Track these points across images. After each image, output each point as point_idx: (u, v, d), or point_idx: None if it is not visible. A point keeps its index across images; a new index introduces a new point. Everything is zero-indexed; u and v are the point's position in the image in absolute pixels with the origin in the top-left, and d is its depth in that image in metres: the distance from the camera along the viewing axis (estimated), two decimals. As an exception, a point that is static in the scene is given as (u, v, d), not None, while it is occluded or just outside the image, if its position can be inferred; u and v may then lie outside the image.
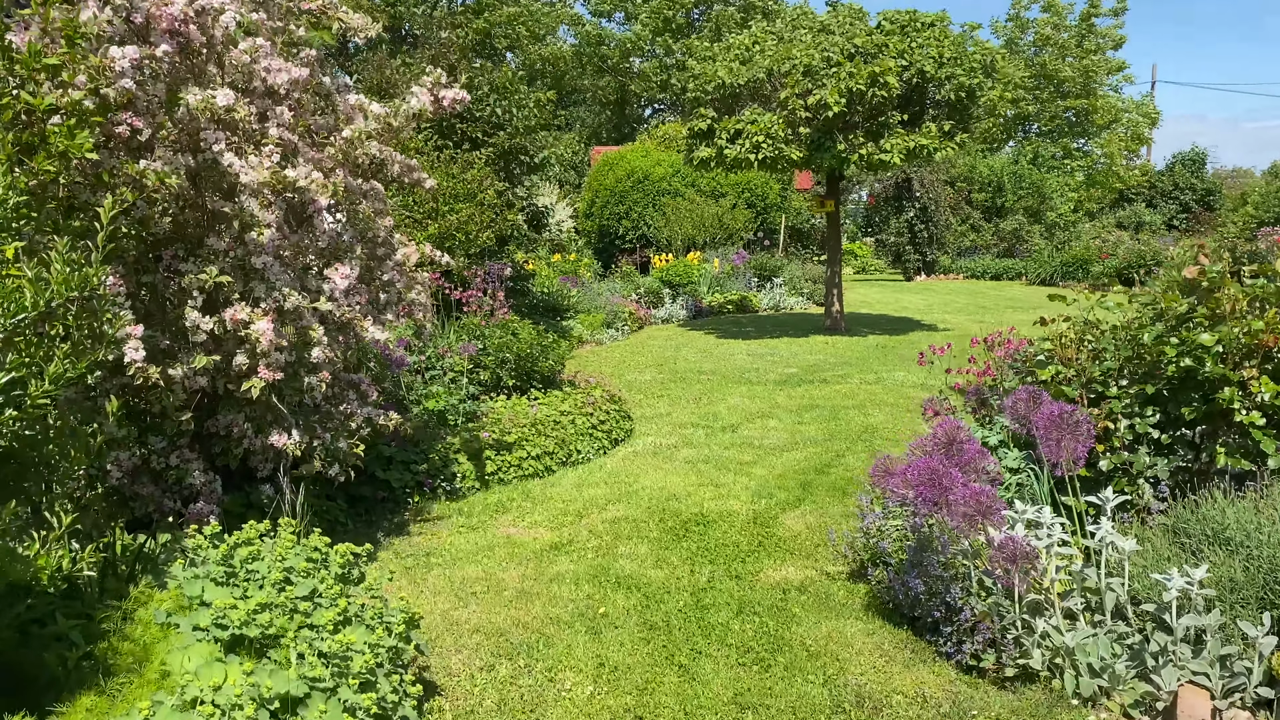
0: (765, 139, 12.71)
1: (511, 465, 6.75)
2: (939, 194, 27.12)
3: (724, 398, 9.73)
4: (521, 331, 8.58)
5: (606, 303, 16.20)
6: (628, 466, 7.07)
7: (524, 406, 7.70)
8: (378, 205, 5.35)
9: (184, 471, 5.01)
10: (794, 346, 13.52)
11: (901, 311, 18.72)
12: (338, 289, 4.71)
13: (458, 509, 6.13)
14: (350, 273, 4.76)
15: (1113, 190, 34.65)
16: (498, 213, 10.71)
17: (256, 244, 4.37)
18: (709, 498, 6.25)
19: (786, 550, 5.28)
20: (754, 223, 22.44)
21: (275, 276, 4.41)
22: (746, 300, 19.03)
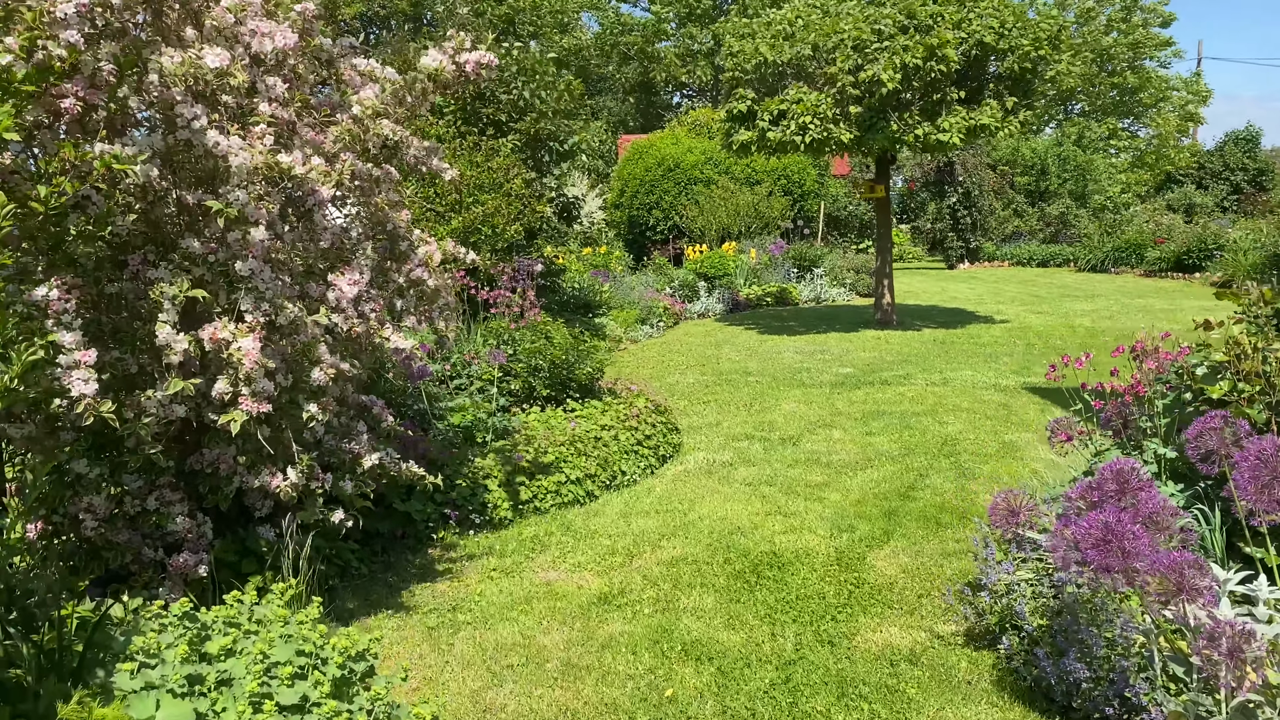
0: (813, 120, 11.78)
1: (549, 491, 5.91)
2: (982, 178, 26.03)
3: (777, 403, 8.84)
4: (555, 335, 7.73)
5: (640, 298, 15.34)
6: (679, 490, 6.21)
7: (560, 420, 6.86)
8: (393, 196, 4.51)
9: (165, 516, 4.21)
10: (845, 343, 12.61)
11: (951, 302, 17.74)
12: (345, 297, 3.87)
13: (489, 546, 5.29)
14: (359, 278, 3.93)
15: (1160, 172, 33.36)
16: (526, 204, 9.86)
17: (242, 245, 3.54)
18: (779, 530, 5.38)
19: (883, 603, 4.40)
20: (790, 210, 21.48)
21: (265, 284, 3.58)
22: (786, 292, 18.11)
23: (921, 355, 11.44)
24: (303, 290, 4.04)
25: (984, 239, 26.74)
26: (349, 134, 4.06)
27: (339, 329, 3.89)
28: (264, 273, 3.56)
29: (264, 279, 3.57)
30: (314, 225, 3.93)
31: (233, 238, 3.56)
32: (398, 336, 4.29)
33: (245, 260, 3.58)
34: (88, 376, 3.26)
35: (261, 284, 3.61)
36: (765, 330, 14.22)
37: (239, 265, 3.56)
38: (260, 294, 3.54)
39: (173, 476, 4.36)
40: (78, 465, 4.02)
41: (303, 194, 3.90)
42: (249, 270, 3.57)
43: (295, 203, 4.20)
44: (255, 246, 3.57)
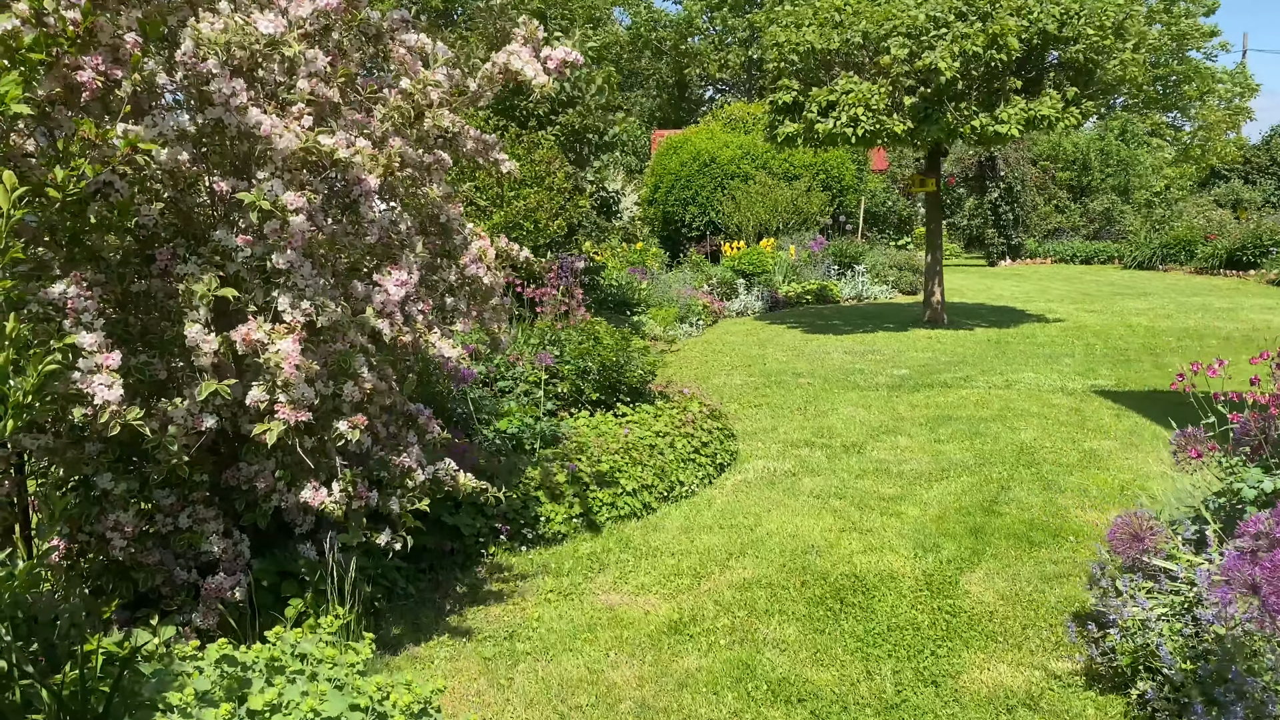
0: (864, 111, 11.31)
1: (604, 504, 5.51)
2: (1025, 173, 25.41)
3: (834, 407, 8.40)
4: (604, 336, 7.33)
5: (678, 295, 14.91)
6: (742, 503, 5.80)
7: (611, 426, 6.46)
8: (445, 188, 4.12)
9: (198, 535, 3.85)
10: (895, 342, 12.14)
11: (998, 300, 17.20)
12: (391, 300, 3.48)
13: (543, 563, 4.90)
14: (408, 278, 3.54)
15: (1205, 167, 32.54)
16: (568, 198, 9.47)
17: (280, 236, 3.15)
18: (857, 549, 4.95)
19: (985, 635, 3.97)
20: (829, 206, 20.99)
21: (305, 280, 3.20)
22: (826, 290, 17.62)
23: (978, 356, 10.95)
24: (346, 291, 3.66)
25: (1026, 235, 26.11)
26: (398, 113, 3.66)
27: (384, 336, 3.49)
28: (304, 267, 3.18)
29: (304, 274, 3.19)
30: (359, 218, 3.54)
31: (270, 228, 3.17)
32: (445, 344, 3.90)
33: (283, 253, 3.19)
34: (111, 381, 2.89)
35: (301, 280, 3.23)
36: (809, 329, 13.76)
37: (276, 258, 3.17)
38: (300, 291, 3.15)
39: (207, 491, 3.99)
40: (103, 480, 3.66)
41: (347, 182, 3.51)
42: (287, 263, 3.18)
43: (338, 195, 3.82)
44: (295, 237, 3.19)
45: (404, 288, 3.50)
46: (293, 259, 3.12)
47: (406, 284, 3.52)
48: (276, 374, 3.05)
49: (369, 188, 3.49)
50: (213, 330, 3.11)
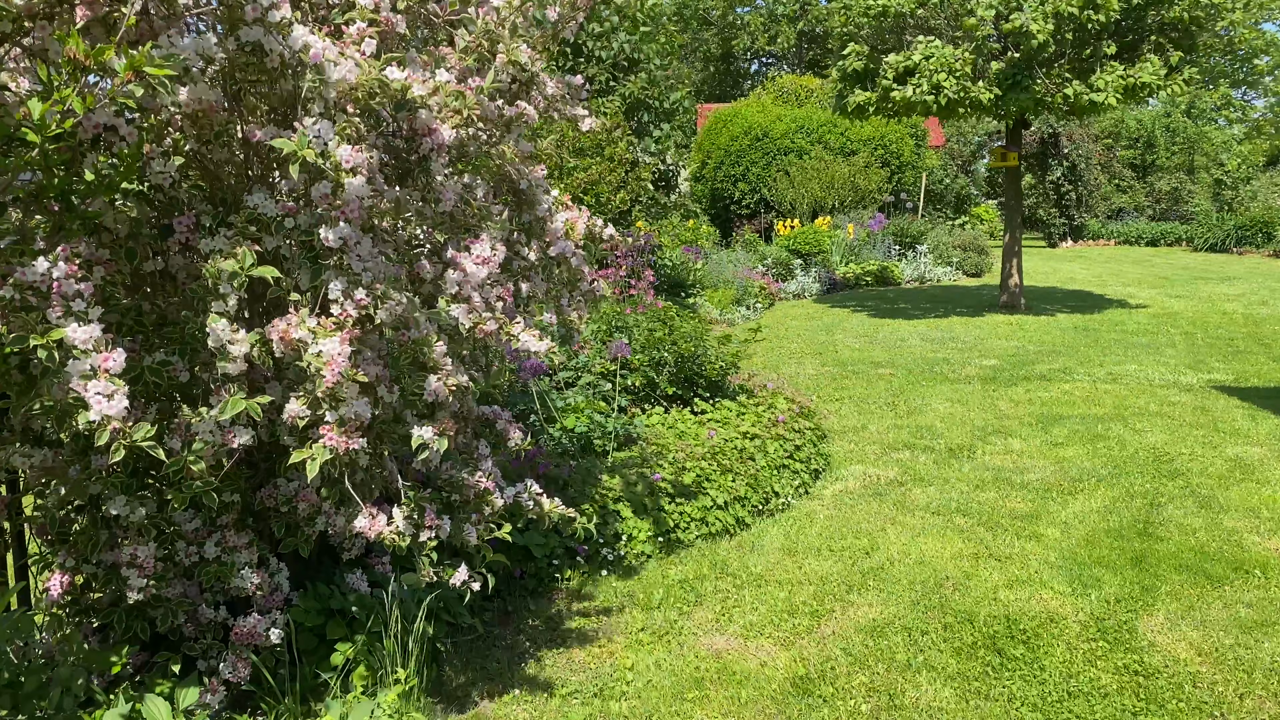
0: (948, 77, 10.43)
1: (693, 519, 4.77)
2: (1089, 150, 24.29)
3: (925, 402, 7.61)
4: (679, 323, 6.58)
5: (733, 276, 14.12)
6: (848, 518, 5.04)
7: (691, 425, 5.71)
8: (525, 145, 3.37)
9: (227, 567, 3.15)
10: (973, 329, 11.29)
11: (1069, 283, 16.26)
12: (471, 282, 2.75)
13: (628, 592, 4.18)
14: (491, 254, 2.80)
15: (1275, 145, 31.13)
16: (628, 170, 8.70)
17: (332, 202, 2.42)
18: (999, 582, 4.18)
19: (1196, 706, 3.19)
20: (887, 183, 20.05)
21: (363, 260, 2.46)
22: (887, 271, 16.76)
23: (1069, 345, 10.09)
24: (413, 271, 2.92)
25: (1088, 216, 25.01)
26: (482, 45, 2.90)
27: (461, 326, 2.76)
28: (362, 244, 2.44)
29: (361, 253, 2.45)
30: (431, 179, 2.80)
31: (319, 192, 2.43)
32: (529, 336, 3.16)
33: (334, 226, 2.45)
34: (110, 390, 2.17)
35: (357, 261, 2.48)
36: (875, 313, 12.93)
37: (326, 233, 2.43)
38: (355, 275, 2.41)
39: (238, 513, 3.29)
40: (115, 504, 2.96)
41: (413, 133, 2.77)
42: (339, 239, 2.44)
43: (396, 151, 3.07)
44: (351, 205, 2.44)
45: (486, 266, 2.77)
46: (347, 233, 2.38)
47: (490, 261, 2.78)
48: (317, 382, 2.32)
49: (441, 140, 2.75)
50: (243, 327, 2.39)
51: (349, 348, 2.36)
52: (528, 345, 3.20)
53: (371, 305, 2.42)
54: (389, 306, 2.44)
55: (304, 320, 2.36)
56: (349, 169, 2.38)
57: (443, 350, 2.70)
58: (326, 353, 2.33)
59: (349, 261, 2.43)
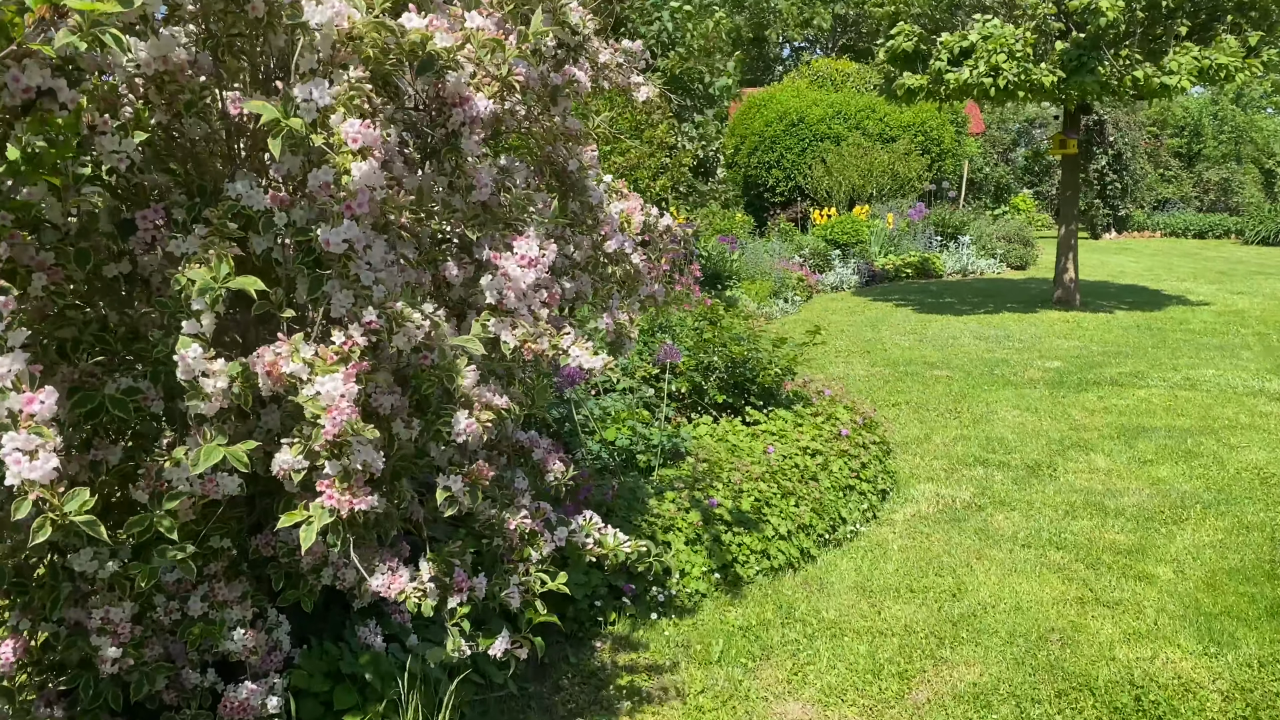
0: (1007, 59, 9.76)
1: (754, 552, 4.21)
2: (1135, 139, 23.45)
3: (990, 409, 7.00)
4: (728, 322, 6.00)
5: (770, 267, 13.50)
6: (926, 549, 4.46)
7: (743, 438, 5.15)
8: (572, 122, 2.80)
9: (215, 627, 2.62)
10: (1028, 326, 10.65)
11: (1120, 277, 15.54)
12: (516, 288, 2.18)
13: (683, 641, 3.62)
14: (538, 255, 2.23)
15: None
16: (670, 154, 8.12)
17: (333, 193, 1.86)
18: (1115, 636, 3.59)
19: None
20: (927, 171, 19.35)
21: (373, 270, 1.90)
22: (928, 262, 16.09)
23: (1135, 346, 9.43)
24: (438, 274, 2.37)
25: (1133, 206, 24.18)
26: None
27: (505, 344, 2.20)
28: (373, 249, 1.88)
29: (373, 259, 1.89)
30: (462, 161, 2.24)
31: (318, 180, 1.87)
32: (582, 350, 2.60)
33: (339, 224, 1.88)
34: (35, 444, 1.62)
35: (366, 270, 1.92)
36: (920, 308, 12.30)
37: (326, 233, 1.86)
38: (364, 290, 1.86)
39: (229, 559, 2.75)
40: (79, 559, 2.42)
41: (441, 102, 2.20)
42: (343, 242, 1.87)
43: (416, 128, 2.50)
44: (359, 197, 1.88)
45: (533, 269, 2.20)
46: (353, 235, 1.83)
47: (537, 263, 2.22)
48: (314, 432, 1.78)
49: (476, 112, 2.19)
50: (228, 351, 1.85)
51: (355, 386, 1.81)
52: (581, 362, 2.64)
53: (385, 329, 1.86)
54: (407, 331, 1.88)
55: (298, 349, 1.81)
56: (356, 150, 1.82)
57: (473, 379, 2.15)
58: (326, 395, 1.78)
59: (356, 270, 1.87)
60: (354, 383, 1.83)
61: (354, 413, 1.82)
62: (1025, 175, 29.56)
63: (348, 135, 1.81)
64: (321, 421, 1.80)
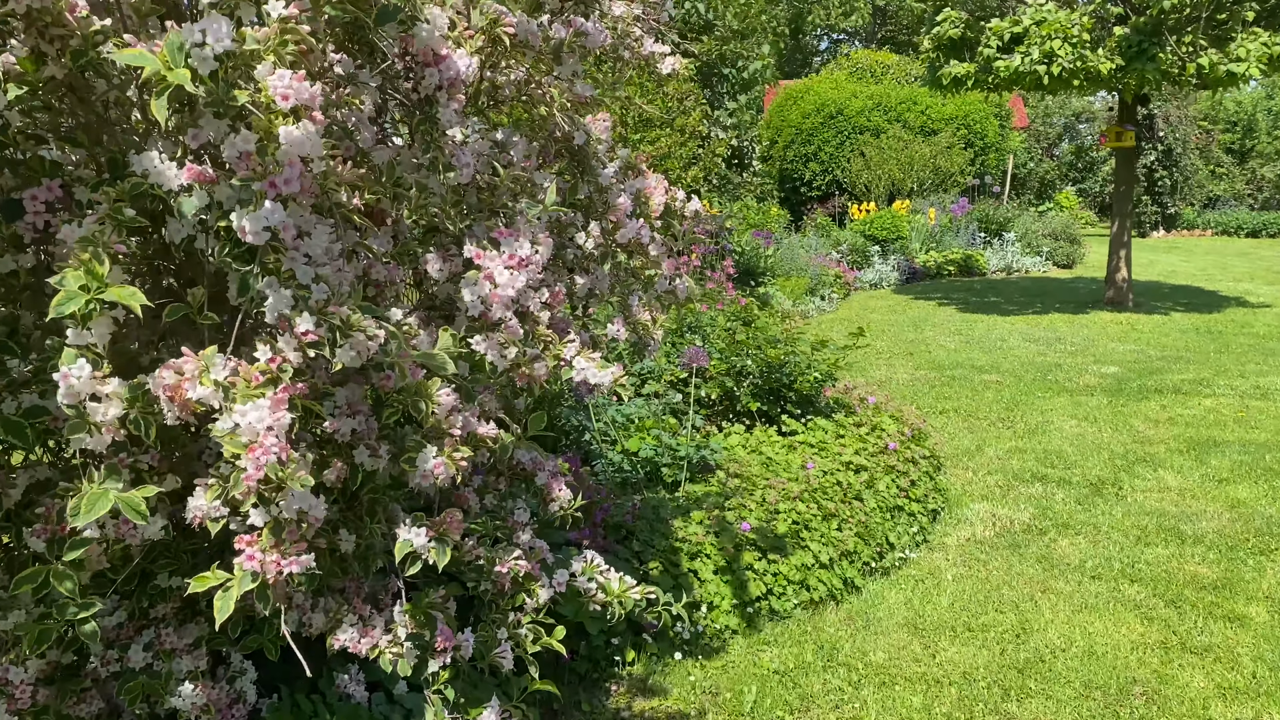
0: (1062, 45, 9.21)
1: (790, 582, 3.76)
2: (1186, 134, 22.67)
3: (1046, 418, 6.50)
4: (763, 322, 5.55)
5: (806, 263, 13.01)
6: (983, 579, 4.00)
7: (779, 450, 4.70)
8: (583, 89, 2.37)
9: (160, 681, 2.22)
10: (1079, 328, 10.10)
11: (1172, 278, 14.90)
12: (500, 298, 1.75)
13: (711, 687, 3.19)
14: (530, 254, 1.80)
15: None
16: (702, 144, 7.66)
17: (258, 165, 1.43)
18: (1208, 691, 3.12)
19: None
20: (970, 166, 18.74)
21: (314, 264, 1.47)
22: (971, 260, 15.52)
23: (1196, 351, 8.87)
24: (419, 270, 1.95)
25: (1183, 204, 23.40)
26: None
27: (487, 363, 1.78)
28: (314, 238, 1.45)
29: (312, 251, 1.46)
30: (436, 132, 1.81)
31: (234, 149, 1.43)
32: (589, 362, 2.17)
33: (260, 205, 1.43)
34: None
35: (303, 265, 1.47)
36: (965, 307, 11.77)
37: (242, 219, 1.41)
38: (300, 289, 1.43)
39: (180, 601, 2.36)
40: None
41: (410, 60, 1.78)
42: (264, 230, 1.41)
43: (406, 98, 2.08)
44: (285, 171, 1.44)
45: (524, 270, 1.77)
46: (277, 220, 1.40)
47: (528, 263, 1.79)
48: (234, 476, 1.37)
49: (455, 73, 1.76)
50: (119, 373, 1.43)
51: (286, 416, 1.39)
52: (587, 376, 2.21)
53: (327, 340, 1.44)
54: (355, 342, 1.46)
55: (208, 368, 1.39)
56: (287, 110, 1.40)
57: (450, 403, 1.72)
58: (248, 428, 1.36)
59: (291, 265, 1.45)
60: (285, 411, 1.41)
61: (284, 449, 1.40)
62: (1069, 172, 28.78)
63: (275, 91, 1.40)
64: (242, 463, 1.38)
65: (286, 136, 1.39)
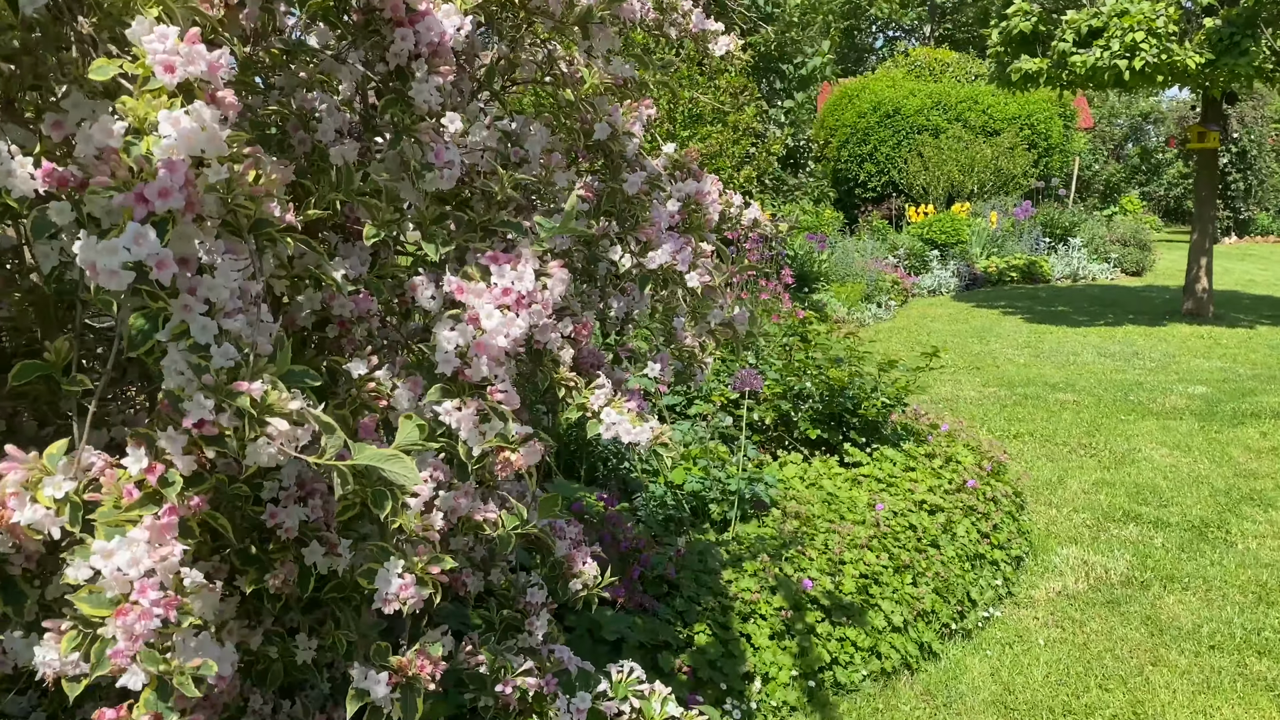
0: (1146, 37, 8.56)
1: (858, 649, 3.24)
2: (1261, 135, 21.67)
3: (1132, 445, 5.90)
4: (823, 339, 5.03)
5: (862, 268, 12.42)
6: (1083, 649, 3.45)
7: (841, 484, 4.19)
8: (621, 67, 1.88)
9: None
10: (1157, 342, 9.42)
11: (1251, 287, 14.08)
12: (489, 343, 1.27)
13: (763, 782, 2.69)
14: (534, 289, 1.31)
15: None
16: (756, 142, 7.15)
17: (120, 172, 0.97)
18: (1374, 809, 2.56)
19: None
20: (1033, 168, 17.98)
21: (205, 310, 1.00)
22: (1035, 266, 14.80)
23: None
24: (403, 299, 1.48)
25: (1257, 209, 22.39)
26: None
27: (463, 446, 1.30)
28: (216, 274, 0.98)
29: (215, 293, 0.99)
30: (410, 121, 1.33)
31: (90, 144, 0.96)
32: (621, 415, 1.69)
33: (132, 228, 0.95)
34: None
35: (198, 316, 0.97)
36: (1031, 317, 11.12)
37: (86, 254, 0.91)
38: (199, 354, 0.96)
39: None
40: None
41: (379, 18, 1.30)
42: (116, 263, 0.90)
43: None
44: (166, 176, 0.94)
45: (522, 311, 1.28)
46: (149, 251, 0.92)
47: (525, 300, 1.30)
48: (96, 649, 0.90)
49: (438, 37, 1.28)
50: None
51: (176, 549, 0.92)
52: (618, 432, 1.72)
53: (236, 435, 0.96)
54: (278, 432, 0.98)
55: (39, 480, 0.93)
56: (173, 86, 0.93)
57: (425, 496, 1.25)
58: (115, 577, 0.90)
59: (186, 318, 0.98)
60: (174, 544, 0.94)
61: (169, 607, 0.94)
62: (1134, 175, 27.76)
63: (155, 58, 0.93)
64: (108, 631, 0.92)
65: (170, 125, 0.92)
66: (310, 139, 1.50)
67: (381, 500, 1.20)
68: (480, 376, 1.26)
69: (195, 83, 0.96)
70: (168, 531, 0.95)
